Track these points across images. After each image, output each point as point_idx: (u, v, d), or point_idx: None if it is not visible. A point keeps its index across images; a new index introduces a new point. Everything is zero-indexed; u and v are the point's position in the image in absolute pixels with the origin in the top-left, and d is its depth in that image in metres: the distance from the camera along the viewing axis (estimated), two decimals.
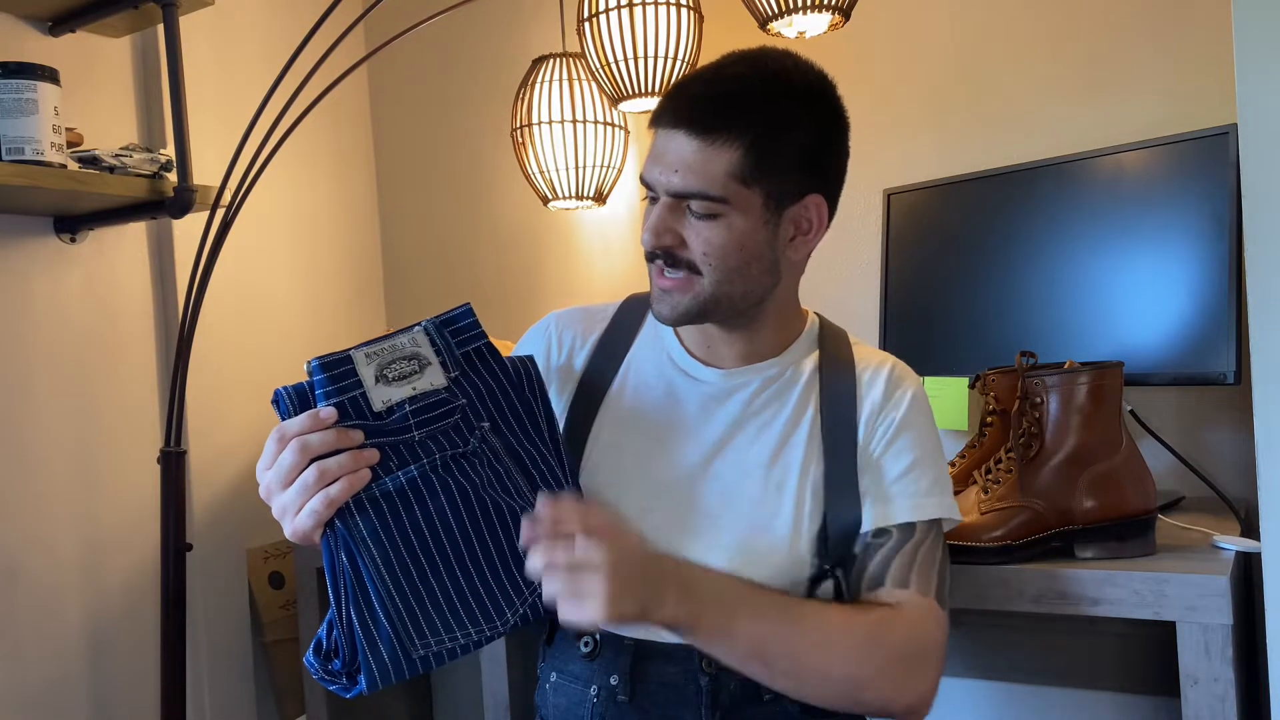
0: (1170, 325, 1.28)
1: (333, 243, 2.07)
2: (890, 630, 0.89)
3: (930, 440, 0.99)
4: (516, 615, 0.86)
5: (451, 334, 0.89)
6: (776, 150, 0.91)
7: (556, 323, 1.09)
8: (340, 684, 0.84)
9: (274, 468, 0.82)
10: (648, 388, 1.02)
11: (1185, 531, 1.20)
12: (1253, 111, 0.90)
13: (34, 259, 1.56)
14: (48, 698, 1.55)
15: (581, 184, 1.73)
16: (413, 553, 0.83)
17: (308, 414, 0.82)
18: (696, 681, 0.93)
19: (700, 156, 0.90)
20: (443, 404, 0.86)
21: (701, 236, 0.92)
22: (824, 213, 0.98)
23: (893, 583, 0.92)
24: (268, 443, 0.83)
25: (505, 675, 1.46)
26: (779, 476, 0.96)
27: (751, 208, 0.92)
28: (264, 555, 1.86)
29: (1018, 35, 1.58)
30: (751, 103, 0.91)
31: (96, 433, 1.64)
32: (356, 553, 0.81)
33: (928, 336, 1.51)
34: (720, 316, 0.97)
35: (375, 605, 0.81)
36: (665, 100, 0.95)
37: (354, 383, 0.84)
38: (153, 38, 1.72)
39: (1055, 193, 1.40)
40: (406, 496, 0.83)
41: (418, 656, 0.81)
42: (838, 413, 0.98)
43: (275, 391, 0.85)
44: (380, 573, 0.81)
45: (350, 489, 0.81)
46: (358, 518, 0.82)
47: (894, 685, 0.89)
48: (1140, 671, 1.48)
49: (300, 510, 0.81)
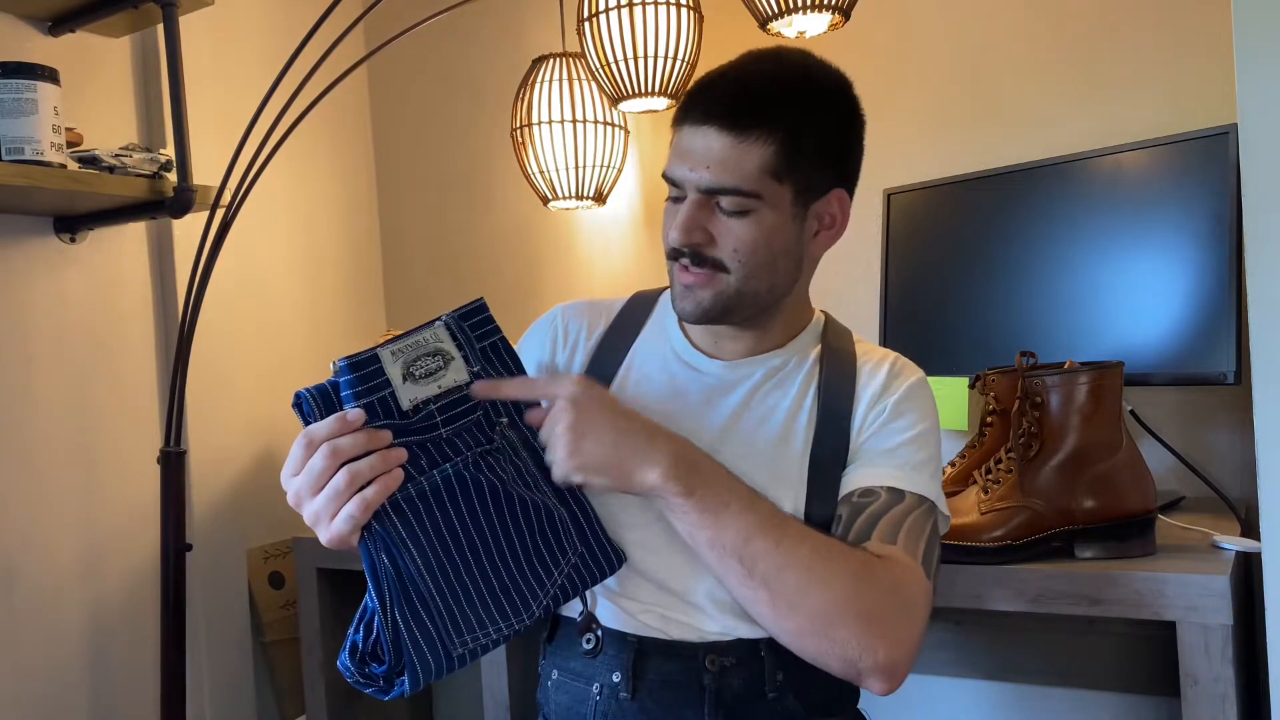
0: (1170, 325, 1.28)
1: (333, 242, 2.07)
2: (876, 574, 0.85)
3: (928, 428, 0.98)
4: (540, 607, 0.87)
5: (470, 328, 0.89)
6: (807, 145, 0.92)
7: (563, 314, 1.09)
8: (377, 686, 0.84)
9: (303, 474, 0.80)
10: (650, 380, 1.02)
11: (1185, 531, 1.20)
12: (1253, 111, 0.90)
13: (34, 259, 1.56)
14: (47, 698, 1.55)
15: (581, 184, 1.73)
16: (448, 552, 0.83)
17: (335, 417, 0.81)
18: (699, 679, 0.92)
19: (734, 152, 0.90)
20: (466, 400, 0.87)
21: (733, 234, 0.92)
22: (847, 208, 0.99)
23: (879, 539, 0.88)
24: (294, 448, 0.81)
25: (505, 674, 1.46)
26: (782, 465, 0.96)
27: (782, 203, 0.93)
28: (264, 555, 1.86)
29: (1017, 35, 1.58)
30: (782, 99, 0.92)
31: (96, 433, 1.63)
32: (398, 554, 0.81)
33: (928, 336, 1.51)
34: (743, 314, 0.97)
35: (419, 607, 0.81)
36: (691, 98, 0.95)
37: (383, 382, 0.83)
38: (153, 38, 1.72)
39: (1055, 193, 1.40)
40: (440, 495, 0.84)
41: (457, 655, 0.82)
42: (834, 401, 0.98)
43: (296, 394, 0.84)
44: (422, 573, 0.82)
45: (385, 490, 0.80)
46: (395, 519, 0.82)
47: (868, 630, 0.83)
48: (1140, 671, 1.48)
49: (335, 516, 0.80)
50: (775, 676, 0.93)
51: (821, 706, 0.96)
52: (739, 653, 0.93)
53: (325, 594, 1.73)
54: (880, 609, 0.84)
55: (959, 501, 1.15)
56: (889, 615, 0.84)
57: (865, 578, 0.85)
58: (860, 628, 0.83)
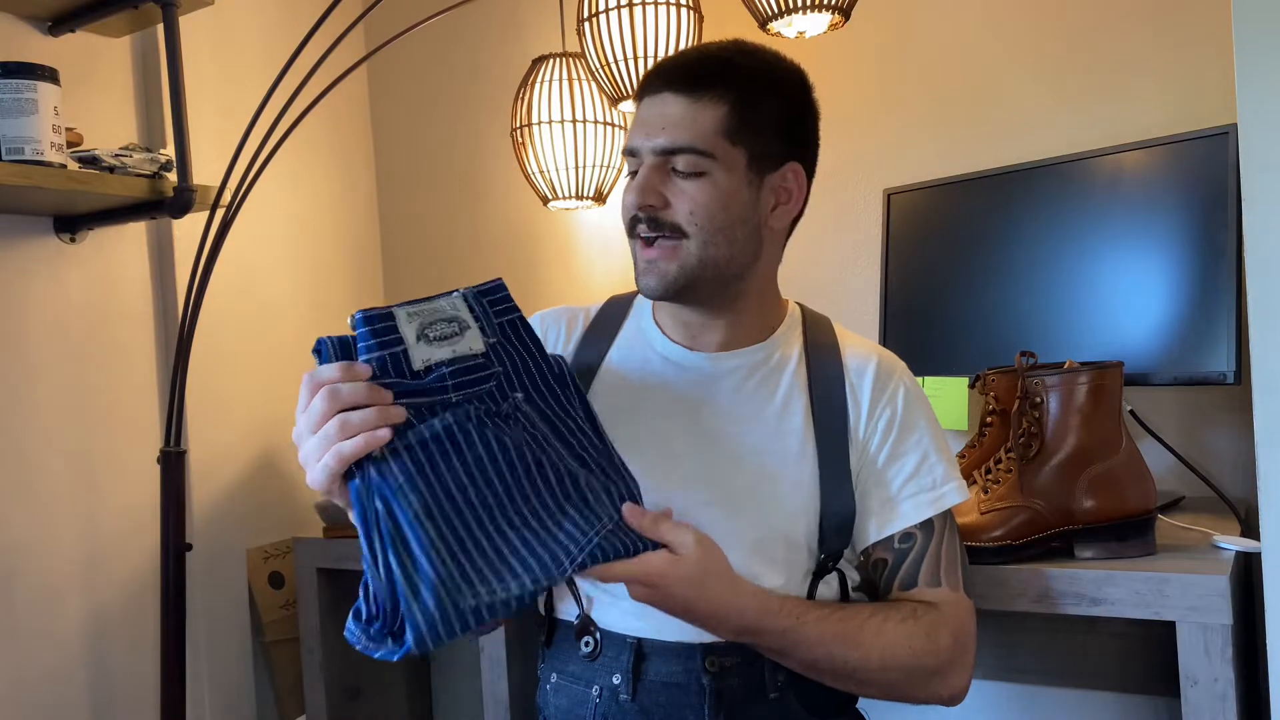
0: (1170, 325, 1.28)
1: (333, 242, 2.07)
2: (940, 635, 0.93)
3: (931, 428, 1.01)
4: (575, 564, 0.81)
5: (490, 304, 0.88)
6: (761, 110, 0.95)
7: (541, 321, 1.09)
8: (385, 647, 0.78)
9: (305, 412, 0.80)
10: (632, 378, 1.02)
11: (1185, 531, 1.20)
12: (1253, 111, 0.90)
13: (34, 259, 1.56)
14: (48, 697, 1.55)
15: (581, 184, 1.73)
16: (453, 502, 0.80)
17: (341, 364, 0.81)
18: (699, 680, 0.92)
19: (689, 112, 0.93)
20: (480, 368, 0.85)
21: (687, 195, 0.94)
22: (803, 182, 1.00)
23: (925, 583, 0.96)
24: (301, 388, 0.81)
25: (505, 675, 1.46)
26: (774, 465, 0.96)
27: (736, 166, 0.94)
28: (264, 555, 1.85)
29: (1017, 35, 1.58)
30: (736, 67, 0.96)
31: (96, 433, 1.63)
32: (393, 500, 0.78)
33: (928, 336, 1.51)
34: (706, 289, 0.97)
35: (417, 552, 0.77)
36: (647, 75, 0.99)
37: (395, 339, 0.83)
38: (153, 38, 1.72)
39: (1055, 193, 1.40)
40: (444, 445, 0.81)
41: (468, 606, 0.76)
42: (828, 403, 0.99)
43: (318, 340, 0.84)
44: (421, 521, 0.78)
45: (364, 447, 0.78)
46: (391, 463, 0.79)
47: (943, 683, 0.94)
48: (1140, 671, 1.48)
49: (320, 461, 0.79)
50: (776, 677, 0.94)
51: (822, 707, 0.96)
52: (738, 653, 0.93)
53: (325, 594, 1.73)
54: (946, 662, 0.94)
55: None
56: (953, 663, 0.95)
57: (931, 648, 0.93)
58: (933, 684, 0.94)
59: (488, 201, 2.07)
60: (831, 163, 1.73)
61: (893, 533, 0.97)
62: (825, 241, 1.71)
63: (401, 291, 2.17)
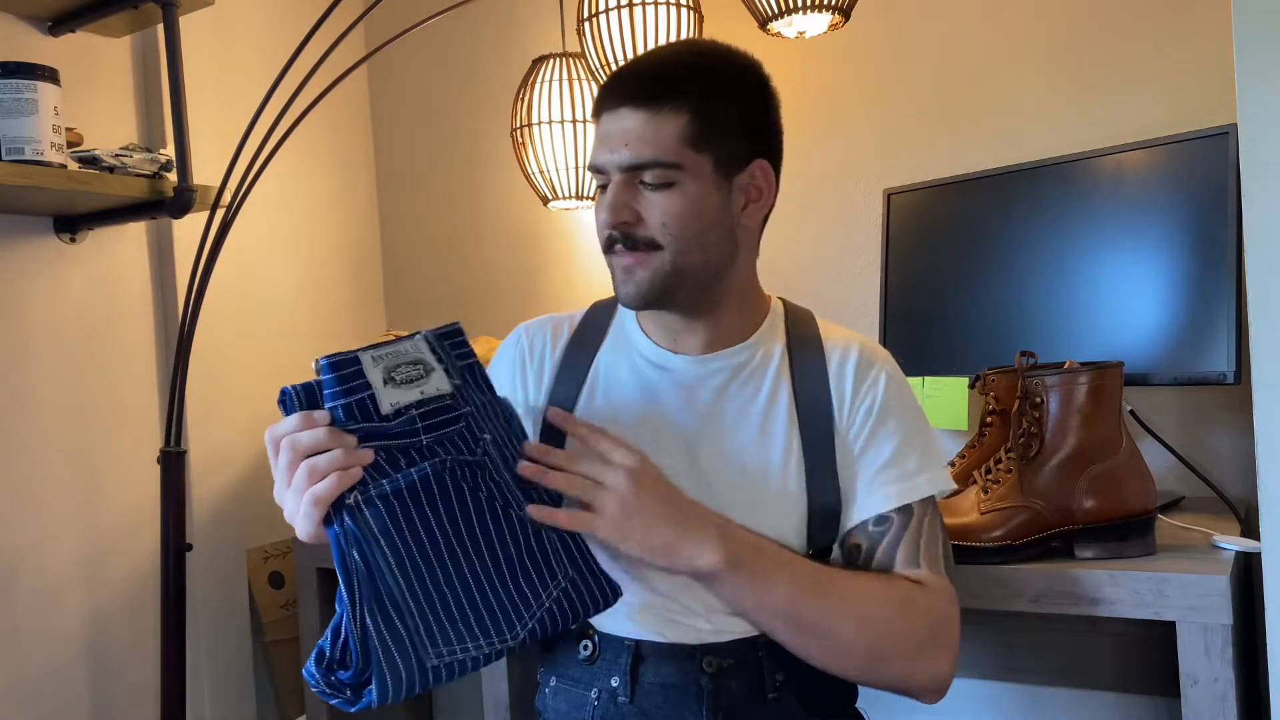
0: (1170, 325, 1.28)
1: (333, 243, 2.07)
2: (915, 607, 0.91)
3: (911, 417, 1.00)
4: (525, 630, 0.83)
5: (450, 346, 0.89)
6: (721, 115, 0.94)
7: (526, 332, 1.09)
8: (343, 697, 0.80)
9: (276, 469, 0.82)
10: (620, 384, 1.02)
11: (1185, 531, 1.20)
12: (1253, 111, 0.90)
13: (34, 259, 1.56)
14: (48, 697, 1.55)
15: (581, 184, 1.73)
16: (425, 556, 0.81)
17: (298, 414, 0.82)
18: (697, 682, 0.93)
19: (650, 126, 0.92)
20: (449, 409, 0.86)
21: (658, 208, 0.93)
22: (771, 178, 1.00)
23: (903, 564, 0.94)
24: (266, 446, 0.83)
25: (505, 676, 1.46)
26: (760, 465, 0.96)
27: (703, 173, 0.94)
28: (264, 555, 1.86)
29: (1017, 36, 1.58)
30: (692, 72, 0.95)
31: (96, 433, 1.63)
32: (369, 551, 0.80)
33: (928, 336, 1.51)
34: (684, 295, 0.97)
35: (389, 608, 0.79)
36: (603, 89, 0.97)
37: (362, 384, 0.83)
38: (153, 38, 1.72)
39: (1055, 193, 1.40)
40: (418, 495, 0.82)
41: (431, 666, 0.79)
42: (811, 397, 0.99)
43: (282, 390, 0.84)
44: (394, 573, 0.79)
45: (338, 486, 0.79)
46: (367, 513, 0.80)
47: (916, 662, 0.92)
48: (1140, 671, 1.48)
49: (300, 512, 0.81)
50: (774, 677, 0.94)
51: (821, 706, 0.96)
52: (736, 653, 0.93)
53: (325, 594, 1.73)
54: (923, 638, 0.91)
55: (959, 501, 1.15)
56: (931, 641, 0.92)
57: (907, 613, 0.91)
58: (909, 660, 0.91)
59: (488, 201, 2.07)
60: (831, 163, 1.73)
61: (865, 518, 0.96)
62: (825, 241, 1.71)
63: (400, 291, 2.17)
